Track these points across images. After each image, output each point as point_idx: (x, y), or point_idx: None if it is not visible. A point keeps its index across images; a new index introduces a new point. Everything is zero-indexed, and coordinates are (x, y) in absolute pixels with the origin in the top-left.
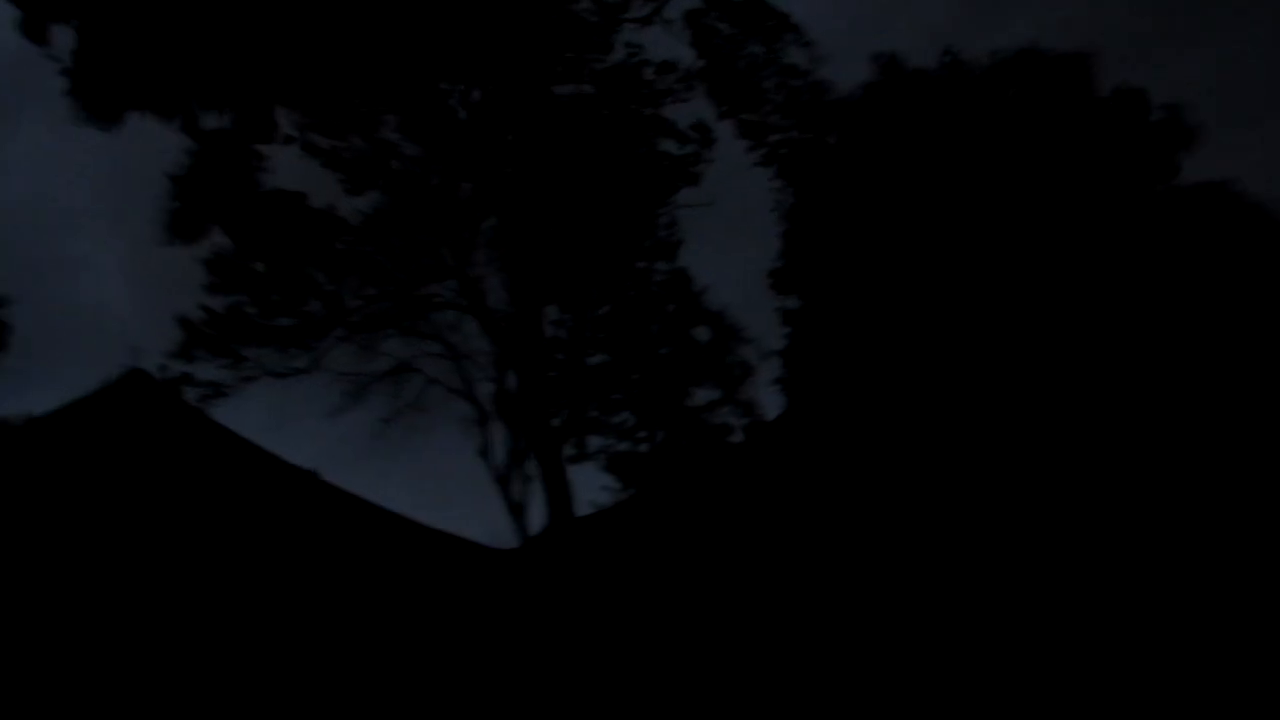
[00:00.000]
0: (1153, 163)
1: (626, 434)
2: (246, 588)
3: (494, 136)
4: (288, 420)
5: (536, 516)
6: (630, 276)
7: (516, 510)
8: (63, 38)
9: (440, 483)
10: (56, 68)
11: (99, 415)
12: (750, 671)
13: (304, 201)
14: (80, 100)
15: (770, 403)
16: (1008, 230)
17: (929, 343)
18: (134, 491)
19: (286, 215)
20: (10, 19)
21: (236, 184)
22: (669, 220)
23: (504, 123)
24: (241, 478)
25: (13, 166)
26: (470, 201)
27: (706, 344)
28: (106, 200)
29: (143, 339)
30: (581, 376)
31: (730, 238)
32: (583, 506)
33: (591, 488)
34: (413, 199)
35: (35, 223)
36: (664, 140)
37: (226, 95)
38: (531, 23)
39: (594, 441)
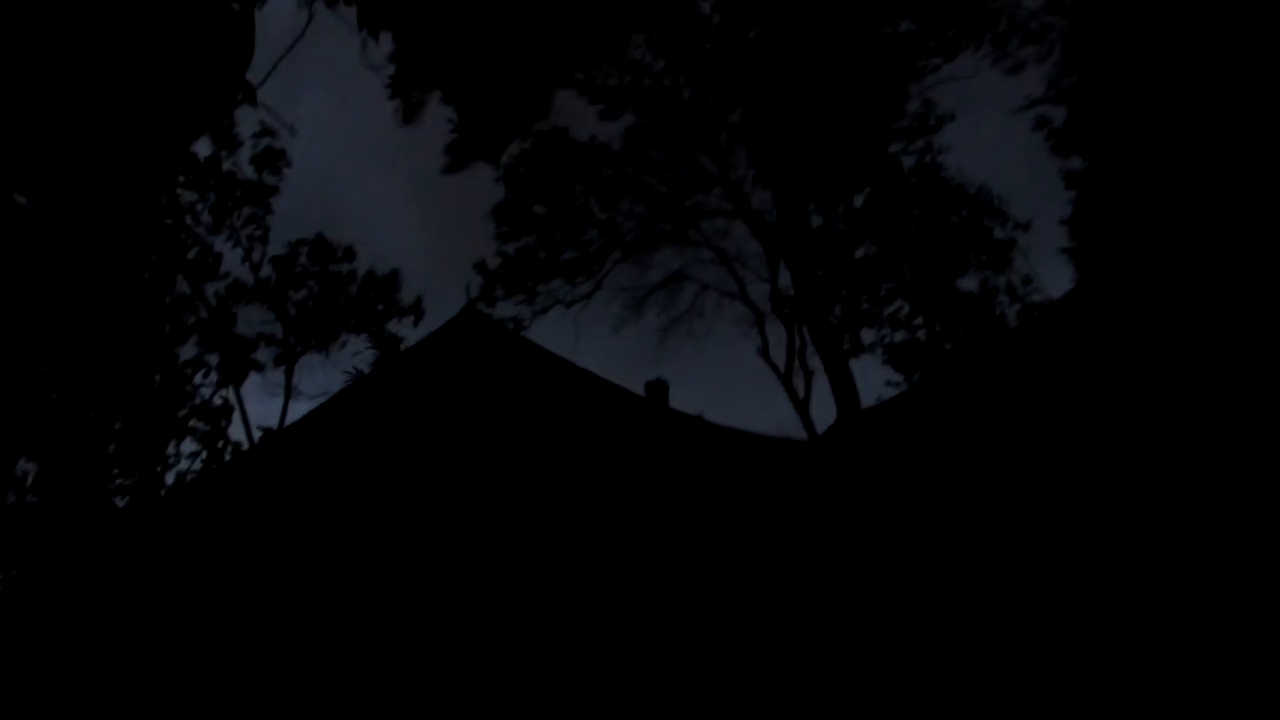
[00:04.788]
0: None
1: (901, 323)
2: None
3: (739, 35)
4: (576, 339)
5: (821, 411)
6: (888, 161)
7: (801, 406)
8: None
9: (724, 385)
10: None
11: (453, 347)
12: (1057, 578)
13: (566, 136)
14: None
15: (1052, 276)
16: None
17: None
18: (493, 417)
19: (555, 154)
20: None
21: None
22: (925, 97)
23: (746, 19)
24: (578, 397)
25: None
26: (724, 106)
27: (973, 221)
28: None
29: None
30: (851, 269)
31: (989, 104)
32: (866, 398)
33: (873, 379)
34: (668, 114)
35: (326, 179)
36: (915, 13)
37: None
38: None
39: (869, 334)
